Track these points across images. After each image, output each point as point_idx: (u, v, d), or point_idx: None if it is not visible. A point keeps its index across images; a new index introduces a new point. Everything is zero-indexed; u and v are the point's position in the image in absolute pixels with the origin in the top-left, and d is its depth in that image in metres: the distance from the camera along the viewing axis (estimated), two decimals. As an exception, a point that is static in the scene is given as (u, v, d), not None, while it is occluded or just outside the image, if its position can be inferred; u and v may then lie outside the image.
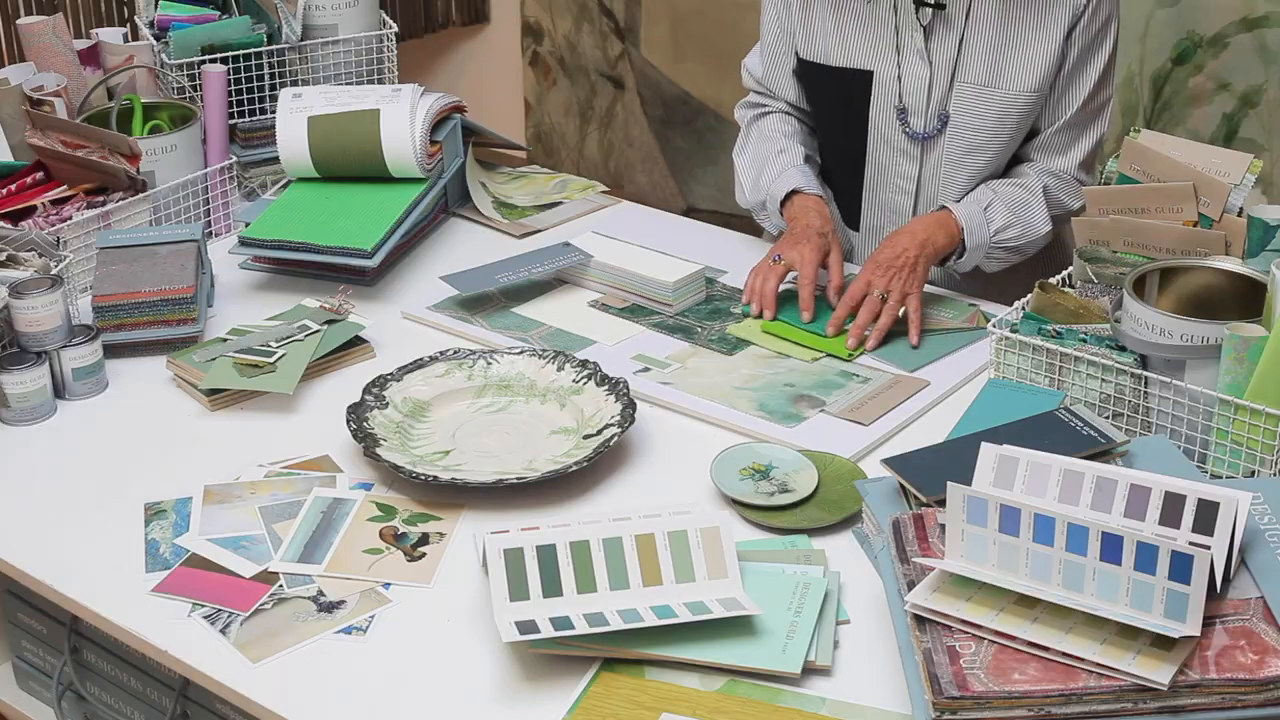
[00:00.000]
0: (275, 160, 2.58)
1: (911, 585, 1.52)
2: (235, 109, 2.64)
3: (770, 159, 2.38)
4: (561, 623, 1.56)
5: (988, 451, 1.61)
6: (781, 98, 2.44)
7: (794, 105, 2.44)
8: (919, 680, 1.44)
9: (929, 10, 2.24)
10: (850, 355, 2.12)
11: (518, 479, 1.83)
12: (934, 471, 1.68)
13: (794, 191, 2.32)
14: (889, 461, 1.74)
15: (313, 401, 2.07)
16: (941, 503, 1.62)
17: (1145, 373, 1.83)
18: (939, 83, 2.27)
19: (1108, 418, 1.85)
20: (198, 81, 2.60)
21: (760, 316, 2.21)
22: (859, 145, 2.36)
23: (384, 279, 2.39)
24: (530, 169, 2.83)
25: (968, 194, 2.30)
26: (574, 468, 1.84)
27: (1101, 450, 1.71)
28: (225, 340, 2.15)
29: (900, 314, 2.16)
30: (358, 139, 2.43)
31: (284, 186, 2.57)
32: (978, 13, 2.23)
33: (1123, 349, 1.85)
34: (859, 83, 2.31)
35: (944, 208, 2.25)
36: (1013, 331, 1.93)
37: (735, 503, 1.81)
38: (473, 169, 2.67)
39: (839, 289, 2.21)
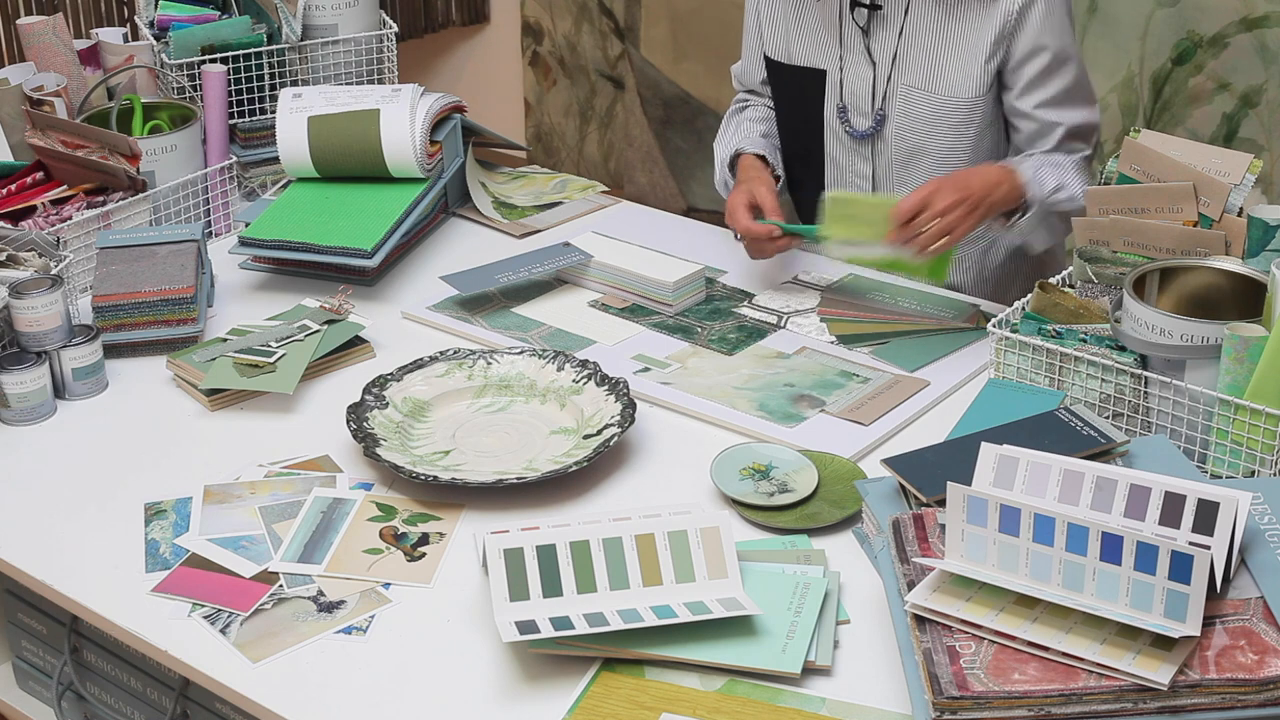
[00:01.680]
0: (275, 160, 2.58)
1: (911, 585, 1.52)
2: (235, 109, 2.64)
3: (732, 138, 2.46)
4: (561, 623, 1.56)
5: (988, 451, 1.61)
6: (761, 94, 2.52)
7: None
8: (919, 680, 1.44)
9: (864, 11, 2.25)
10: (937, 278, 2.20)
11: (518, 479, 1.83)
12: (934, 471, 1.67)
13: (738, 154, 2.39)
14: (889, 461, 1.74)
15: (313, 401, 2.07)
16: (941, 503, 1.62)
17: (1145, 373, 1.83)
18: (881, 83, 2.28)
19: (1108, 418, 1.85)
20: (198, 81, 2.60)
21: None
22: (818, 144, 2.40)
23: (384, 279, 2.39)
24: (530, 169, 2.83)
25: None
26: (574, 468, 1.84)
27: (1101, 450, 1.71)
28: (225, 340, 2.15)
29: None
30: (358, 139, 2.43)
31: (284, 186, 2.57)
32: (916, 15, 2.23)
33: (1123, 349, 1.85)
34: (814, 81, 2.35)
35: (1004, 165, 2.19)
36: (1013, 331, 1.93)
37: (735, 503, 1.81)
38: (473, 169, 2.67)
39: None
